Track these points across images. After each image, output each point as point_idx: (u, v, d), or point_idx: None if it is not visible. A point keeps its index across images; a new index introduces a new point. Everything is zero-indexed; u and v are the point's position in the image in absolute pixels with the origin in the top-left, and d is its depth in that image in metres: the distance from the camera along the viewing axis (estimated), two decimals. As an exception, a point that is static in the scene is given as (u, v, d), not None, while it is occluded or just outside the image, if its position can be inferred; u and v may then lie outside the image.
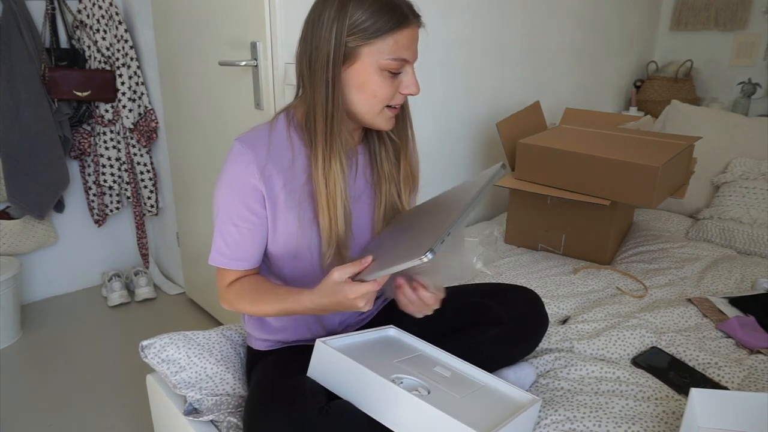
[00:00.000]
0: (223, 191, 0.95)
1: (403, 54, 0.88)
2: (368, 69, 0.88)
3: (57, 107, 2.04)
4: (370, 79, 0.88)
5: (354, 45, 0.86)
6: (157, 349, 1.09)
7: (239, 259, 0.98)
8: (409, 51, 0.89)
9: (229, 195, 0.95)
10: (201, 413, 1.02)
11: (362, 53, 0.87)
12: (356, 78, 0.89)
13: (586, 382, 1.14)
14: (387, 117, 0.94)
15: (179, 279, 2.39)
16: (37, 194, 2.04)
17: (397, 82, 0.91)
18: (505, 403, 0.94)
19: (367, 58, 0.87)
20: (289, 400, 0.85)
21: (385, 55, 0.87)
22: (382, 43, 0.86)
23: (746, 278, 1.62)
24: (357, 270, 0.84)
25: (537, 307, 1.19)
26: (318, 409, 0.82)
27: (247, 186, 0.93)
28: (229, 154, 0.94)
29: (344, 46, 0.86)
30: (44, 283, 2.31)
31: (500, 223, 2.06)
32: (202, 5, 1.69)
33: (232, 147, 0.94)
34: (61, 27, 2.08)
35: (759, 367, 1.19)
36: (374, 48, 0.86)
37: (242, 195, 0.94)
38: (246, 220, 0.95)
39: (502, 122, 1.90)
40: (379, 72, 0.88)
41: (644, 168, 1.48)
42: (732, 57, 2.82)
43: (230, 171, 0.94)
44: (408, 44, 0.89)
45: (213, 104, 1.78)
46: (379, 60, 0.87)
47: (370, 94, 0.90)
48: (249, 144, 0.93)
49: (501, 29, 2.12)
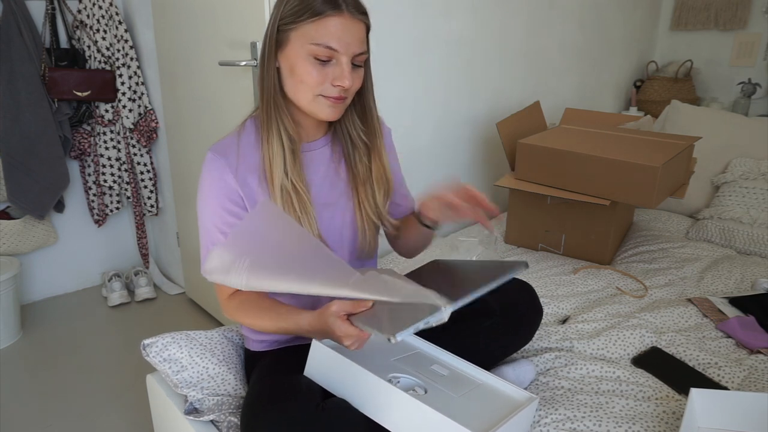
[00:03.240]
0: (204, 201, 0.98)
1: (330, 42, 0.88)
2: (297, 53, 0.90)
3: (57, 107, 2.04)
4: (297, 64, 0.91)
5: (284, 29, 0.90)
6: (158, 348, 1.09)
7: None
8: (338, 41, 0.88)
9: (210, 204, 0.97)
10: (201, 413, 1.02)
11: (291, 37, 0.90)
12: (288, 62, 0.92)
13: (586, 382, 1.14)
14: (324, 105, 0.94)
15: (179, 279, 2.39)
16: (37, 194, 2.04)
17: (327, 71, 0.91)
18: (502, 402, 0.94)
19: (295, 41, 0.90)
20: (285, 398, 0.86)
21: (310, 40, 0.88)
22: (309, 27, 0.88)
23: (746, 278, 1.62)
24: (352, 311, 0.83)
25: (530, 297, 1.19)
26: (314, 406, 0.83)
27: (225, 191, 0.96)
28: (203, 165, 0.97)
29: (277, 30, 0.91)
30: (44, 283, 2.31)
31: (500, 223, 2.06)
32: (202, 5, 1.69)
33: (206, 157, 0.97)
34: (61, 27, 2.08)
35: (759, 367, 1.19)
36: (300, 32, 0.89)
37: (223, 201, 0.96)
38: (232, 224, 0.97)
39: (502, 122, 1.90)
40: (306, 57, 0.90)
41: (644, 168, 1.48)
42: (732, 57, 2.82)
43: (207, 180, 0.97)
44: (337, 33, 0.88)
45: (213, 104, 1.78)
46: (304, 44, 0.89)
47: (298, 79, 0.91)
48: (220, 152, 0.96)
49: (501, 29, 2.12)
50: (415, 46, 1.83)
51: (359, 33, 0.91)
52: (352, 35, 0.90)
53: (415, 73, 1.86)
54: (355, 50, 0.91)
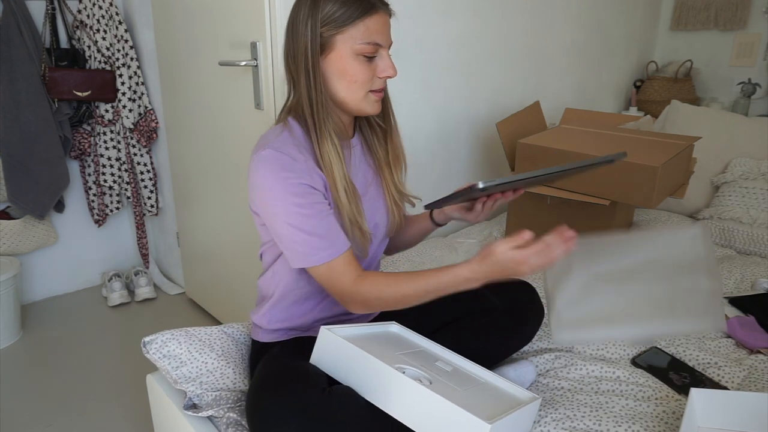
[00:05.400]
0: (279, 197, 0.91)
1: (375, 38, 0.93)
2: (344, 56, 0.93)
3: (57, 107, 2.04)
4: (347, 65, 0.94)
5: (328, 35, 0.92)
6: (158, 344, 1.09)
7: (341, 241, 0.95)
8: (381, 35, 0.94)
9: (287, 197, 0.91)
10: (200, 408, 1.02)
11: (337, 41, 0.93)
12: (335, 66, 0.94)
13: (586, 382, 1.14)
14: (372, 101, 0.99)
15: (179, 279, 2.39)
16: (37, 194, 2.04)
17: (374, 66, 0.96)
18: (505, 399, 0.94)
19: (341, 45, 0.93)
20: (291, 382, 0.87)
21: (358, 41, 0.92)
22: (353, 30, 0.92)
23: (746, 278, 1.62)
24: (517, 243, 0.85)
25: (531, 296, 1.20)
26: (320, 390, 0.84)
27: (300, 180, 0.92)
28: (262, 164, 0.92)
29: (319, 37, 0.92)
30: (44, 283, 2.31)
31: (500, 223, 2.06)
32: (202, 5, 1.69)
33: (263, 157, 0.92)
34: (61, 27, 2.08)
35: (759, 367, 1.19)
36: (347, 35, 0.92)
37: (300, 189, 0.92)
38: (319, 205, 0.94)
39: (502, 122, 1.90)
40: (355, 57, 0.93)
41: (644, 168, 1.48)
42: (732, 57, 2.82)
43: (277, 175, 0.91)
44: (379, 29, 0.94)
45: (213, 104, 1.78)
46: (353, 46, 0.93)
47: (351, 79, 0.95)
48: (281, 148, 0.92)
49: (501, 29, 2.12)
50: (415, 46, 1.83)
51: (389, 25, 0.97)
52: (388, 28, 0.96)
53: (415, 72, 1.86)
54: (390, 41, 0.98)
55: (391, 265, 1.73)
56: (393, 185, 1.10)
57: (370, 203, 1.07)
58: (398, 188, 1.11)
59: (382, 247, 1.17)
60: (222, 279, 1.99)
